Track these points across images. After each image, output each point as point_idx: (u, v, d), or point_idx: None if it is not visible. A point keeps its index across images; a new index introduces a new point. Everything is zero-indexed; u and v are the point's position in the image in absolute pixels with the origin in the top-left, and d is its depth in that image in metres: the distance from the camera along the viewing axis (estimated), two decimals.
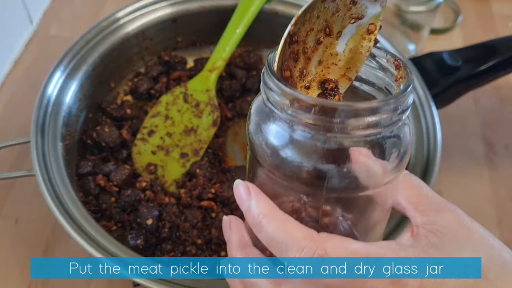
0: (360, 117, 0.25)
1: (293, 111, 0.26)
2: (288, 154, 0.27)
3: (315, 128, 0.26)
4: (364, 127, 0.25)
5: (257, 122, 0.29)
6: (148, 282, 0.40)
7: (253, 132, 0.29)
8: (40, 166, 0.46)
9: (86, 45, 0.57)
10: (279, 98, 0.26)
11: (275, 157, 0.28)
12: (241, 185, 0.29)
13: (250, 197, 0.29)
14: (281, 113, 0.27)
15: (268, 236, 0.28)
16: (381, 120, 0.26)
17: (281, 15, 0.64)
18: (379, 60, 0.30)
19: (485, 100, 0.68)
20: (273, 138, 0.28)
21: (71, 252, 0.51)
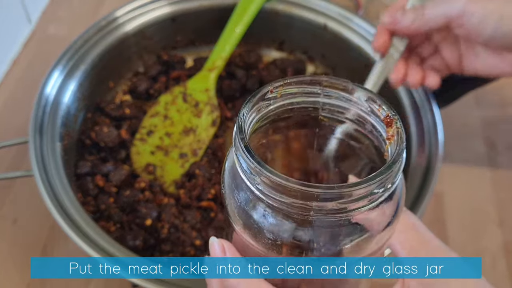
0: (342, 199, 0.22)
1: (264, 188, 0.23)
2: (262, 227, 0.25)
3: (289, 209, 0.23)
4: (342, 210, 0.23)
5: (230, 184, 0.27)
6: (147, 283, 0.40)
7: (226, 194, 0.27)
8: (38, 166, 0.46)
9: (85, 44, 0.56)
10: (248, 171, 0.24)
11: (248, 228, 0.26)
12: (216, 244, 0.28)
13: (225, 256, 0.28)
14: (252, 186, 0.24)
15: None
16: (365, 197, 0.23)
17: (282, 14, 0.63)
18: (371, 105, 0.27)
19: (487, 100, 0.68)
20: (245, 208, 0.25)
21: (69, 252, 0.51)
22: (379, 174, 0.23)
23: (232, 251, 0.28)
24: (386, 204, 0.25)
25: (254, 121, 0.27)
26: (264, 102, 0.27)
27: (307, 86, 0.28)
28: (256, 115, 0.27)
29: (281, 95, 0.27)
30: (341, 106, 0.28)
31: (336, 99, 0.28)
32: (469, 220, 0.56)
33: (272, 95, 0.27)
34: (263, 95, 0.27)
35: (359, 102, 0.27)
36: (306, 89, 0.28)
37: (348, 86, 0.27)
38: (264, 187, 0.23)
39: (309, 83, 0.28)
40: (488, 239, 0.55)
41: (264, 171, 0.23)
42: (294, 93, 0.28)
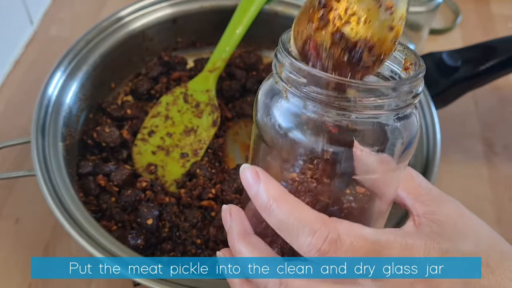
0: (376, 96, 0.25)
1: (307, 88, 0.26)
2: (299, 135, 0.27)
3: (329, 105, 0.26)
4: (376, 107, 0.26)
5: (267, 104, 0.29)
6: (148, 282, 0.40)
7: (262, 115, 0.29)
8: (40, 166, 0.46)
9: (87, 45, 0.57)
10: (293, 75, 0.27)
11: (285, 139, 0.27)
12: (249, 169, 0.29)
13: (258, 181, 0.28)
14: (295, 90, 0.26)
15: (279, 219, 0.27)
16: (393, 101, 0.26)
17: (281, 15, 0.64)
18: None
19: (485, 100, 0.68)
20: (284, 119, 0.28)
21: (71, 252, 0.51)
22: (410, 79, 0.26)
23: (265, 174, 0.28)
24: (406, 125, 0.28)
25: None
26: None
27: None
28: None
29: None
30: None
31: None
32: None
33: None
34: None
35: None
36: None
37: None
38: (308, 87, 0.26)
39: None
40: None
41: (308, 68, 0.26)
42: None
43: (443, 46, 0.63)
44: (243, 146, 0.59)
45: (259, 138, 0.29)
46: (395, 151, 0.28)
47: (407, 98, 0.26)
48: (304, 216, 0.27)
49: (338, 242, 0.26)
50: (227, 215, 0.31)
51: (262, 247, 0.29)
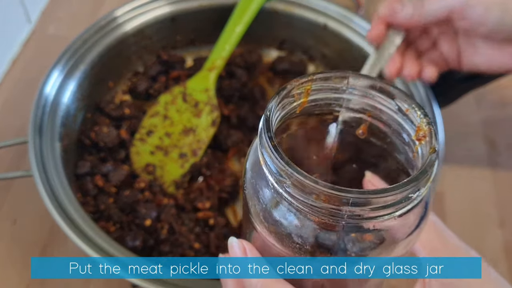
0: (372, 205, 0.22)
1: (293, 190, 0.23)
2: (288, 230, 0.24)
3: (318, 213, 0.23)
4: (372, 217, 0.23)
5: (254, 185, 0.26)
6: (146, 283, 0.40)
7: (249, 194, 0.26)
8: (38, 167, 0.46)
9: (84, 44, 0.56)
10: (276, 172, 0.23)
11: (273, 230, 0.25)
12: (236, 244, 0.27)
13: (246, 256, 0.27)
14: (280, 189, 0.23)
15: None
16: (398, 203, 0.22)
17: (282, 14, 0.63)
18: (399, 104, 0.26)
19: (488, 99, 0.67)
20: (271, 210, 0.25)
21: (69, 253, 0.51)
22: (414, 179, 0.22)
23: (253, 252, 0.27)
24: (414, 210, 0.24)
25: (278, 118, 0.26)
26: (289, 99, 0.26)
27: (332, 82, 0.27)
28: (280, 112, 0.26)
29: (307, 90, 0.27)
30: (366, 103, 0.28)
31: (361, 96, 0.27)
32: (470, 221, 0.56)
33: (298, 92, 0.27)
34: (288, 92, 0.26)
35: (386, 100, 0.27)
36: (330, 85, 0.27)
37: (376, 84, 0.27)
38: (293, 189, 0.23)
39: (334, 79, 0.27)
40: (488, 239, 0.55)
41: (294, 173, 0.22)
42: (319, 89, 0.27)
43: None
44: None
45: (247, 214, 0.27)
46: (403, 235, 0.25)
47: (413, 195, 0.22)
48: None
49: None
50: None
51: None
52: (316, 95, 0.27)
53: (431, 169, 0.23)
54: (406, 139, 0.26)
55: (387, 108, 0.27)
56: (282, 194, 0.23)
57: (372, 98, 0.27)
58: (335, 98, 0.28)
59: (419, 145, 0.25)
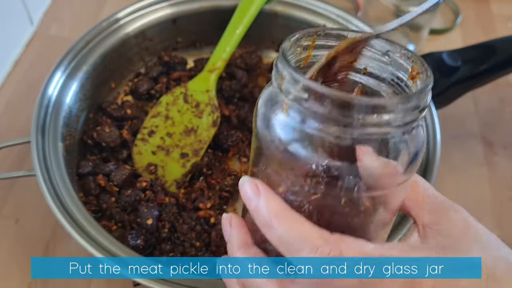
0: (379, 114, 0.24)
1: (308, 103, 0.25)
2: (300, 150, 0.26)
3: (331, 122, 0.25)
4: (381, 125, 0.25)
5: (266, 115, 0.27)
6: (148, 282, 0.40)
7: (262, 126, 0.27)
8: (40, 166, 0.46)
9: (87, 45, 0.57)
10: (293, 89, 0.25)
11: (285, 153, 0.26)
12: (248, 183, 0.28)
13: (258, 196, 0.27)
14: (295, 104, 0.25)
15: (279, 236, 0.27)
16: (400, 117, 0.25)
17: (281, 15, 0.64)
18: (392, 55, 0.29)
19: (485, 100, 0.68)
20: (284, 133, 0.26)
21: (71, 252, 0.51)
22: (415, 93, 0.25)
23: (265, 188, 0.27)
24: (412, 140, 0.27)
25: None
26: (295, 48, 0.28)
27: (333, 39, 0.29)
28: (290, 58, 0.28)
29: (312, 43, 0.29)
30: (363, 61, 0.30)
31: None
32: None
33: (305, 43, 0.29)
34: (297, 40, 0.28)
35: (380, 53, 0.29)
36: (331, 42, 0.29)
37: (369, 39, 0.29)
38: (311, 103, 0.25)
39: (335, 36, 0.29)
40: None
41: (314, 85, 0.24)
42: (321, 46, 0.29)
43: (443, 46, 0.63)
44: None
45: (259, 150, 0.28)
46: (401, 163, 0.27)
47: (414, 113, 0.25)
48: (306, 233, 0.26)
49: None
50: (227, 224, 0.31)
51: (261, 259, 0.29)
52: (320, 51, 0.29)
53: (429, 86, 0.26)
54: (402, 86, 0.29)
55: (380, 61, 0.29)
56: (301, 111, 0.25)
57: (367, 54, 0.29)
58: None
59: (414, 84, 0.27)
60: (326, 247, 0.26)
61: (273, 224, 0.27)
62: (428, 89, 0.26)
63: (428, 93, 0.26)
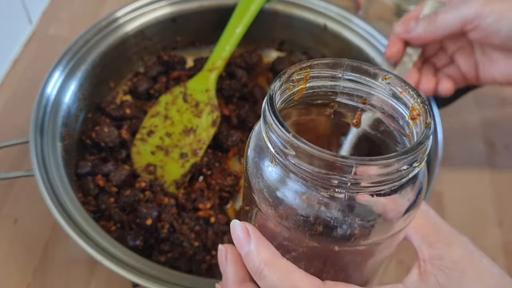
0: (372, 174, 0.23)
1: (295, 160, 0.23)
2: (290, 203, 0.25)
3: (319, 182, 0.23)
4: (374, 183, 0.23)
5: (256, 162, 0.26)
6: (147, 283, 0.40)
7: (252, 173, 0.26)
8: (39, 166, 0.46)
9: (86, 44, 0.56)
10: (279, 143, 0.24)
11: (275, 205, 0.25)
12: (239, 227, 0.27)
13: (249, 241, 0.27)
14: (281, 159, 0.24)
15: (270, 285, 0.26)
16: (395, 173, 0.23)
17: (281, 14, 0.63)
18: (393, 88, 0.27)
19: (486, 100, 0.68)
20: (273, 183, 0.25)
21: (70, 252, 0.51)
22: (411, 150, 0.23)
23: (256, 233, 0.27)
24: (411, 185, 0.25)
25: (278, 103, 0.26)
26: (288, 84, 0.27)
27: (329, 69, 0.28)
28: (280, 97, 0.27)
29: (305, 76, 0.28)
30: (361, 90, 0.28)
31: (356, 83, 0.28)
32: (469, 220, 0.56)
33: (297, 77, 0.27)
34: (289, 76, 0.27)
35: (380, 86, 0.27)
36: (327, 72, 0.28)
37: (370, 70, 0.27)
38: (297, 160, 0.23)
39: (331, 66, 0.28)
40: (487, 239, 0.55)
41: (297, 141, 0.23)
42: (317, 76, 0.28)
43: None
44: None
45: (250, 193, 0.27)
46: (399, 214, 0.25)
47: (409, 168, 0.23)
48: (297, 283, 0.26)
49: None
50: (223, 257, 0.30)
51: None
52: (314, 82, 0.28)
53: (426, 141, 0.24)
54: (401, 123, 0.27)
55: (381, 93, 0.28)
56: (288, 166, 0.24)
57: (366, 84, 0.28)
58: (332, 86, 0.28)
59: (413, 124, 0.26)
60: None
61: (263, 273, 0.26)
62: (426, 142, 0.24)
63: (427, 145, 0.24)
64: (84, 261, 0.50)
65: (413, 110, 0.26)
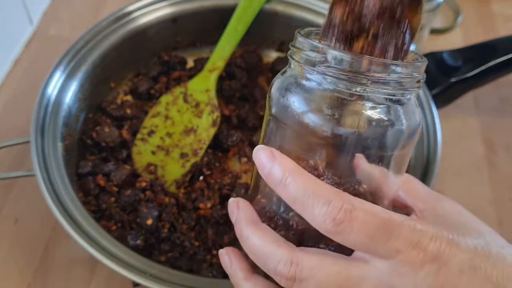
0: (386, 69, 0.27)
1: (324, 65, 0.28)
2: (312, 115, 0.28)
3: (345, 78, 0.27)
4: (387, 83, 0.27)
5: (281, 89, 0.30)
6: (148, 282, 0.40)
7: (277, 95, 0.30)
8: (40, 166, 0.46)
9: (86, 45, 0.56)
10: (311, 55, 0.28)
11: (300, 117, 0.28)
12: (263, 150, 0.29)
13: (273, 159, 0.28)
14: (312, 68, 0.28)
15: (294, 192, 0.27)
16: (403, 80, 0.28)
17: (281, 15, 0.64)
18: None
19: (486, 100, 0.68)
20: (298, 98, 0.29)
21: (71, 252, 0.51)
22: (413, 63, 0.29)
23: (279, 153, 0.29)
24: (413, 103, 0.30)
25: None
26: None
27: None
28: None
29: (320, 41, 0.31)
30: None
31: None
32: None
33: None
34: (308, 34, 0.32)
35: None
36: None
37: None
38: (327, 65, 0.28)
39: None
40: None
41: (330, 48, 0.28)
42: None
43: (444, 45, 0.63)
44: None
45: (272, 119, 0.30)
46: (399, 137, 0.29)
47: (412, 81, 0.29)
48: (320, 187, 0.27)
49: (353, 212, 0.26)
50: (234, 207, 0.31)
51: (271, 232, 0.29)
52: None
53: (422, 58, 0.30)
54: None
55: None
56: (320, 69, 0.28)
57: None
58: None
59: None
60: (339, 200, 0.27)
61: (288, 181, 0.28)
62: (423, 63, 0.29)
63: (423, 67, 0.30)
64: (84, 260, 0.51)
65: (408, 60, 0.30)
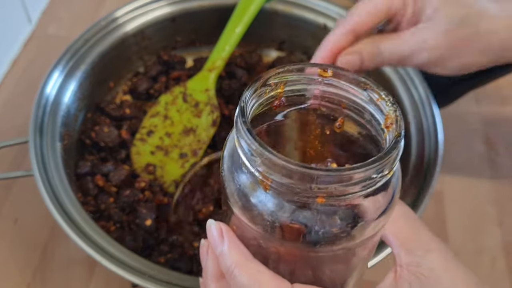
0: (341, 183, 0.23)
1: (264, 170, 0.24)
2: (261, 209, 0.25)
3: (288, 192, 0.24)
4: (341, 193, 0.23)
5: (230, 167, 0.27)
6: (146, 283, 0.40)
7: (225, 177, 0.27)
8: (38, 166, 0.46)
9: (85, 44, 0.56)
10: (248, 152, 0.24)
11: (247, 210, 0.26)
12: (214, 226, 0.28)
13: (223, 242, 0.28)
14: (252, 168, 0.24)
15: (240, 286, 0.27)
16: (363, 182, 0.23)
17: (281, 14, 0.63)
18: (370, 94, 0.27)
19: (487, 99, 0.68)
20: (245, 191, 0.26)
21: (70, 252, 0.51)
22: (378, 159, 0.23)
23: (230, 234, 0.28)
24: (382, 192, 0.25)
25: (254, 106, 0.27)
26: (265, 87, 0.27)
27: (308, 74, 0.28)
28: (256, 100, 0.27)
29: (283, 81, 0.28)
30: (340, 95, 0.28)
31: (335, 87, 0.28)
32: (469, 220, 0.56)
33: (274, 81, 0.28)
34: (265, 81, 0.27)
35: (358, 91, 0.28)
36: (306, 76, 0.28)
37: (349, 75, 0.28)
38: (264, 168, 0.24)
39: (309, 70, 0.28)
40: (487, 239, 0.55)
41: (265, 152, 0.23)
42: (295, 80, 0.28)
43: None
44: None
45: (225, 196, 0.28)
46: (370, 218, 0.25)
47: (378, 176, 0.23)
48: (265, 285, 0.27)
49: None
50: (204, 252, 0.31)
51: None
52: (292, 86, 0.28)
53: (394, 151, 0.24)
54: (378, 129, 0.27)
55: (359, 99, 0.28)
56: (254, 174, 0.24)
57: (346, 89, 0.28)
58: (310, 89, 0.29)
59: (387, 133, 0.26)
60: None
61: (234, 274, 0.27)
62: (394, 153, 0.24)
63: (396, 154, 0.24)
64: (83, 261, 0.50)
65: (388, 119, 0.26)
